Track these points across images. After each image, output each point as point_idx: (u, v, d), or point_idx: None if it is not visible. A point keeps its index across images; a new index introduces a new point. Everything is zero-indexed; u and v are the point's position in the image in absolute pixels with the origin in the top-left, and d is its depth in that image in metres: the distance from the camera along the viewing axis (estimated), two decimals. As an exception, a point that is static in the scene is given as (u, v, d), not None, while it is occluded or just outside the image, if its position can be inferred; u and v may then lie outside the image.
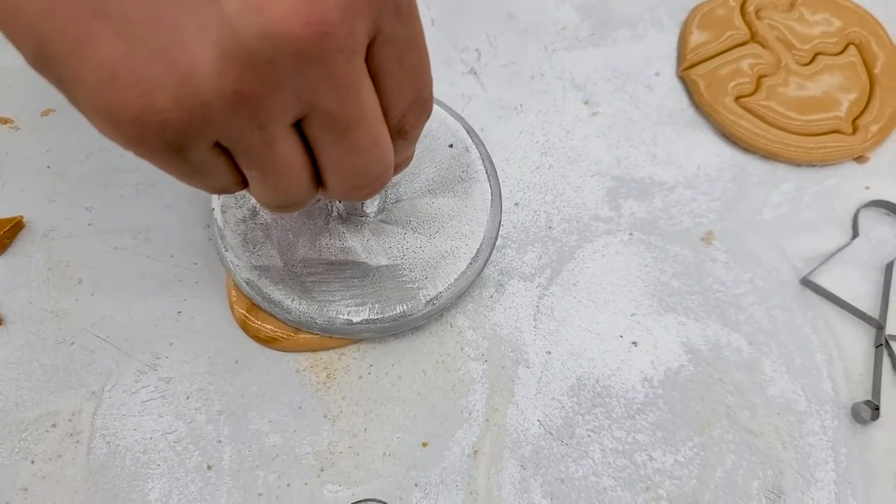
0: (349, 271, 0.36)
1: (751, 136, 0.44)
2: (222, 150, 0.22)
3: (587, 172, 0.43)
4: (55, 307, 0.37)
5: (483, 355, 0.37)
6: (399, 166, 0.28)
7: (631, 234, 0.41)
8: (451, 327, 0.38)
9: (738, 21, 0.49)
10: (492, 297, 0.39)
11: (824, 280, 0.40)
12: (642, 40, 0.49)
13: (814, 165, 0.44)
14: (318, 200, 0.38)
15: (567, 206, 0.42)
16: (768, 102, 0.45)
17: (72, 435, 0.34)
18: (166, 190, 0.41)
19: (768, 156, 0.44)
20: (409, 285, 0.36)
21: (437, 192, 0.39)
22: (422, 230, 0.38)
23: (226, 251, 0.36)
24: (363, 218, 0.37)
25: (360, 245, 0.37)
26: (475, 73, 0.46)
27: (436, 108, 0.41)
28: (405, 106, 0.24)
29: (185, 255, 0.39)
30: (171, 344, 0.37)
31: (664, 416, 0.37)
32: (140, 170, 0.41)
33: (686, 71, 0.47)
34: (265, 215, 0.37)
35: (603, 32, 0.49)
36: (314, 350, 0.37)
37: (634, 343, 0.38)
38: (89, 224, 0.39)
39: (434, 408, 0.36)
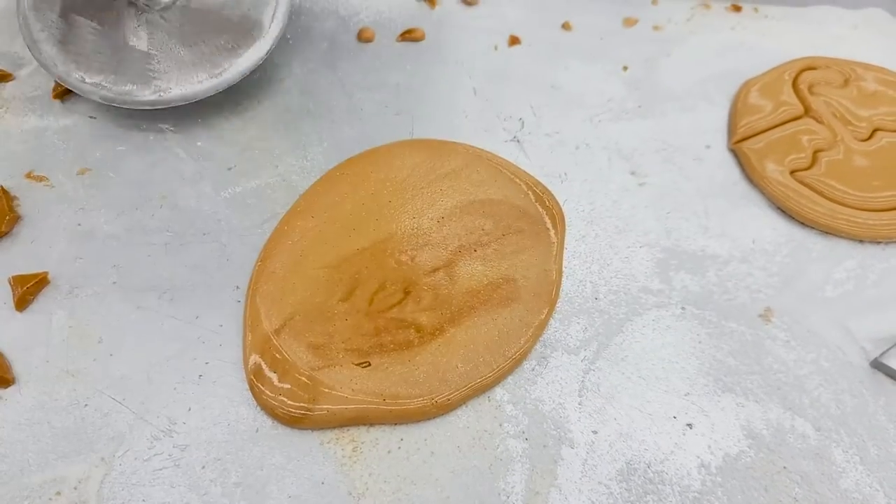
0: (106, 42, 0.40)
1: (809, 210, 0.42)
2: None
3: (635, 243, 0.41)
4: (71, 367, 0.35)
5: (523, 432, 0.34)
6: None
7: (683, 309, 0.39)
8: (489, 401, 0.35)
9: (791, 96, 0.47)
10: (533, 370, 0.36)
11: (898, 363, 0.37)
12: (691, 113, 0.47)
13: (878, 242, 0.42)
14: None
15: (614, 277, 0.40)
16: (825, 178, 0.43)
17: (76, 504, 0.32)
18: (196, 250, 0.39)
19: (828, 231, 0.42)
20: (150, 73, 0.40)
21: (220, 10, 0.43)
22: (192, 36, 0.42)
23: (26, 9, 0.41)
24: (149, 7, 0.42)
25: (131, 26, 0.41)
26: (518, 140, 0.45)
27: None
28: None
29: (211, 316, 0.37)
30: (190, 409, 0.34)
31: (724, 508, 0.33)
32: (170, 230, 0.40)
33: (738, 143, 0.45)
34: None
35: (650, 105, 0.47)
36: (333, 426, 0.34)
37: (689, 425, 0.35)
38: (114, 282, 0.38)
39: (468, 489, 0.33)
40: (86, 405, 0.34)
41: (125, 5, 0.41)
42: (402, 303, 0.37)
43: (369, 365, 0.35)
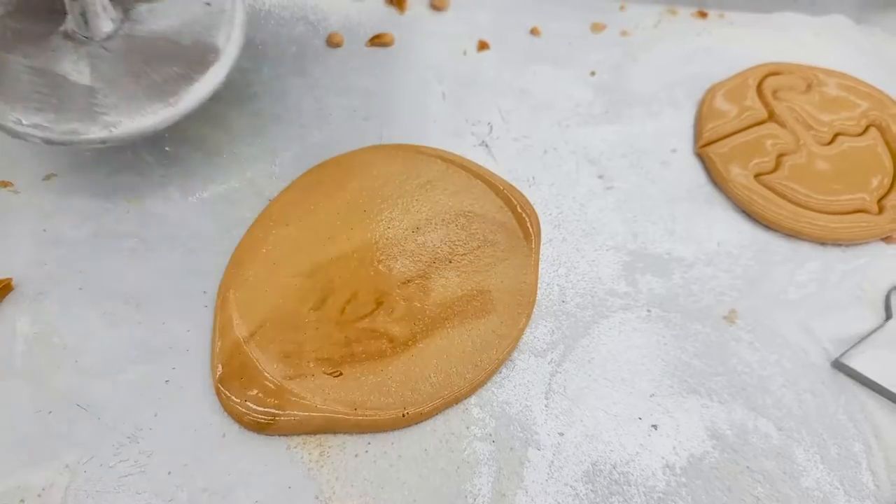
0: (45, 78, 0.36)
1: (773, 213, 0.42)
2: None
3: (602, 246, 0.41)
4: (36, 373, 0.35)
5: (490, 435, 0.35)
6: None
7: (649, 311, 0.39)
8: (457, 404, 0.35)
9: (755, 101, 0.48)
10: (500, 373, 0.36)
11: (858, 363, 0.37)
12: (658, 118, 0.48)
13: (839, 245, 0.42)
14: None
15: (581, 280, 0.40)
16: (788, 181, 0.43)
17: (40, 512, 0.31)
18: (163, 256, 0.39)
19: (791, 233, 0.42)
20: (96, 108, 0.36)
21: (169, 35, 0.40)
22: (140, 65, 0.38)
23: None
24: (88, 39, 0.38)
25: (71, 60, 0.37)
26: (487, 145, 0.45)
27: None
28: None
29: (178, 321, 0.37)
30: (156, 415, 0.34)
31: (688, 508, 0.33)
32: (137, 236, 0.40)
33: (704, 148, 0.46)
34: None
35: (617, 109, 0.48)
36: (300, 433, 0.34)
37: (654, 426, 0.35)
38: (80, 288, 0.38)
39: (436, 491, 0.33)
40: (50, 412, 0.34)
41: (61, 39, 0.38)
42: (374, 313, 0.37)
43: (341, 374, 0.35)
